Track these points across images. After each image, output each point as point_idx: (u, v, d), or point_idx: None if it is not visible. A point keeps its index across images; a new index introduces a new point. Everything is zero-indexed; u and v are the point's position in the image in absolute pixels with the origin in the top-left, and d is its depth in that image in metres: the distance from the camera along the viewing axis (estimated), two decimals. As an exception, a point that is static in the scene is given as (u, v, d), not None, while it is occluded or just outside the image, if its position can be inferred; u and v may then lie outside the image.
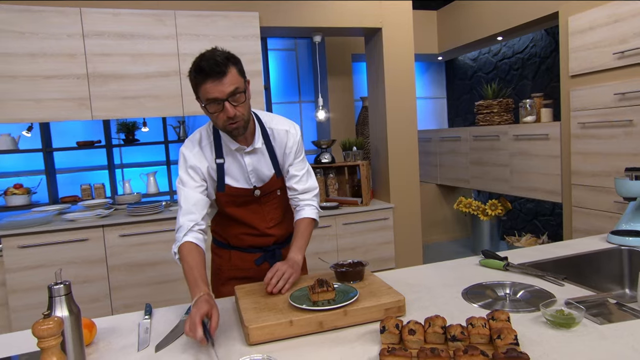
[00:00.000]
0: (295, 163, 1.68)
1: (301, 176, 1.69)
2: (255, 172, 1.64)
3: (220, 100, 1.39)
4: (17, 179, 4.01)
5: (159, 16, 3.14)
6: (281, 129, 1.65)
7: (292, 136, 1.66)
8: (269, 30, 3.60)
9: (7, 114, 2.94)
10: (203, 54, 1.40)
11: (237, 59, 1.45)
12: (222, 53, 1.41)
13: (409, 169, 3.81)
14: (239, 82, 1.41)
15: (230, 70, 1.38)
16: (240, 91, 1.41)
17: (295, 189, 1.69)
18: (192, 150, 1.57)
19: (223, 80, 1.36)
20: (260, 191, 1.66)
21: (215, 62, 1.35)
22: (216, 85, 1.37)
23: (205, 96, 1.40)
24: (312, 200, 1.71)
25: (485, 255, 1.82)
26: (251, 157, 1.62)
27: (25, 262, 2.94)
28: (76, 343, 1.08)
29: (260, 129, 1.62)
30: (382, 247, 3.74)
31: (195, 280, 1.36)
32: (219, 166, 1.59)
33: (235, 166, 1.61)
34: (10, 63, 2.90)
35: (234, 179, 1.62)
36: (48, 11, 2.94)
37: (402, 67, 3.71)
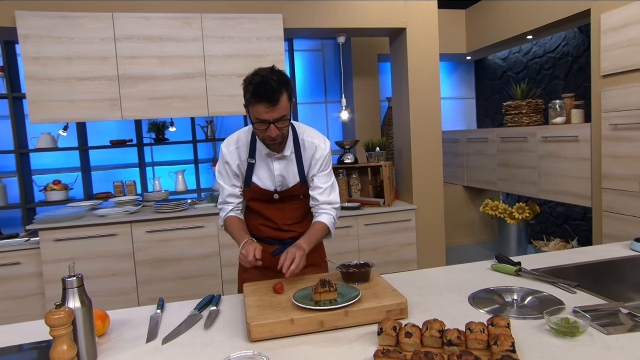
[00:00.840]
0: (320, 175, 1.78)
1: (325, 189, 1.78)
2: (281, 177, 1.76)
3: (268, 122, 1.55)
4: (56, 175, 4.23)
5: (187, 20, 3.24)
6: (312, 142, 1.76)
7: (320, 150, 1.76)
8: (293, 32, 3.64)
9: (45, 115, 3.11)
10: (261, 75, 1.52)
11: (289, 82, 1.58)
12: (278, 78, 1.53)
13: (432, 170, 3.76)
14: (287, 108, 1.57)
15: (283, 97, 1.53)
16: (286, 118, 1.58)
17: (317, 199, 1.78)
18: (229, 149, 1.76)
19: (275, 107, 1.52)
20: (280, 195, 1.77)
21: (272, 89, 1.50)
22: (268, 111, 1.53)
23: (255, 115, 1.56)
24: (331, 211, 1.78)
25: (499, 260, 1.79)
26: (280, 163, 1.74)
27: (59, 254, 3.10)
28: (88, 333, 1.15)
29: (293, 139, 1.75)
30: (404, 249, 3.71)
31: (240, 233, 1.70)
32: (250, 165, 1.76)
33: (265, 169, 1.76)
34: (48, 66, 3.07)
35: (260, 179, 1.76)
36: (84, 17, 3.09)
37: (426, 67, 3.67)
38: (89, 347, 1.15)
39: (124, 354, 1.20)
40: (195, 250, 3.30)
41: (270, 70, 1.56)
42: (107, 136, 4.18)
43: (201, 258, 3.29)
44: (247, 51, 3.35)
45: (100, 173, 4.41)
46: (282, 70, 1.59)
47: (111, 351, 1.22)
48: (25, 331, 1.37)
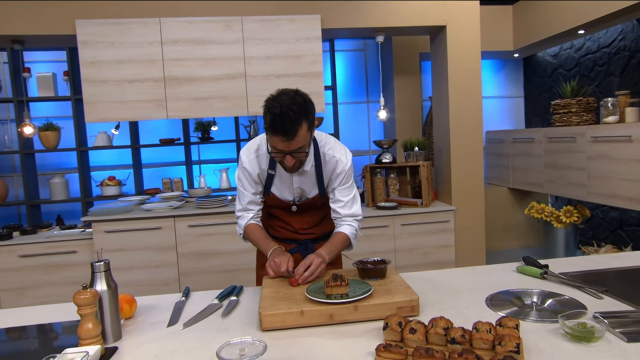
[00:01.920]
0: (340, 189, 1.75)
1: (346, 202, 1.75)
2: (300, 189, 1.76)
3: (284, 152, 1.53)
4: (111, 171, 4.52)
5: (228, 22, 3.36)
6: (333, 155, 1.73)
7: (341, 164, 1.73)
8: (332, 32, 3.67)
9: (98, 114, 3.34)
10: (280, 103, 1.45)
11: (309, 109, 1.52)
12: (298, 108, 1.47)
13: (472, 170, 3.67)
14: (305, 139, 1.53)
15: (301, 128, 1.49)
16: (304, 149, 1.55)
17: (339, 212, 1.76)
18: (249, 157, 1.74)
19: (292, 140, 1.49)
20: (298, 207, 1.78)
21: (290, 122, 1.45)
22: (285, 145, 1.50)
23: (272, 144, 1.54)
24: (353, 223, 1.76)
25: (526, 262, 1.74)
26: (299, 176, 1.73)
27: (110, 245, 3.32)
28: (113, 313, 1.24)
29: (313, 152, 1.71)
30: (441, 250, 3.65)
31: (265, 241, 1.72)
32: (269, 176, 1.75)
33: (284, 180, 1.75)
34: (102, 69, 3.29)
35: (279, 189, 1.77)
36: (134, 23, 3.29)
37: (467, 66, 3.58)
38: (114, 326, 1.25)
39: (146, 335, 1.28)
40: (233, 245, 3.41)
41: (291, 97, 1.49)
42: (157, 135, 4.40)
43: (239, 252, 3.41)
44: (286, 52, 3.43)
45: (150, 170, 4.67)
46: (304, 95, 1.53)
47: (135, 332, 1.31)
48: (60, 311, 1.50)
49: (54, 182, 4.17)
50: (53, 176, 4.23)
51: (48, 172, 4.45)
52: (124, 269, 3.33)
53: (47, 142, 4.09)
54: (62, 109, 4.38)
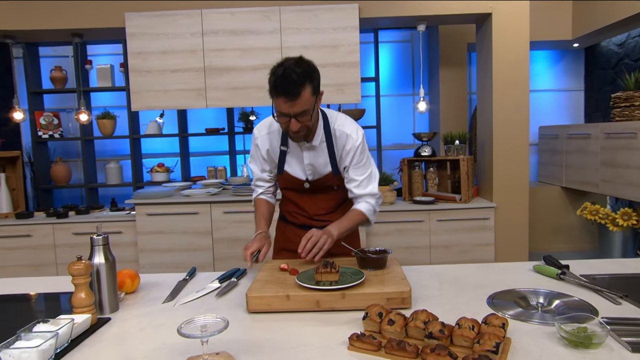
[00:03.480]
0: (354, 167, 1.71)
1: (360, 181, 1.71)
2: (312, 166, 1.72)
3: (289, 116, 1.51)
4: (161, 159, 4.75)
5: (266, 12, 3.40)
6: (343, 131, 1.69)
7: (351, 140, 1.68)
8: (372, 22, 3.60)
9: (143, 103, 3.52)
10: (284, 66, 1.47)
11: (313, 75, 1.51)
12: (302, 70, 1.46)
13: (517, 167, 3.46)
14: (309, 103, 1.50)
15: (305, 90, 1.47)
16: (308, 113, 1.52)
17: (353, 192, 1.73)
18: (261, 132, 1.76)
19: (295, 101, 1.47)
20: (311, 185, 1.74)
21: (292, 83, 1.44)
22: (288, 105, 1.48)
23: (276, 107, 1.53)
24: (370, 199, 1.72)
25: (546, 262, 1.62)
26: (309, 152, 1.70)
27: (151, 227, 3.49)
28: (110, 285, 1.31)
29: (323, 127, 1.69)
30: (479, 248, 3.48)
31: (259, 221, 1.77)
32: (282, 152, 1.73)
33: (296, 156, 1.73)
34: (147, 60, 3.46)
35: (291, 167, 1.75)
36: (177, 14, 3.42)
37: (514, 56, 3.37)
38: (111, 298, 1.31)
39: (141, 309, 1.34)
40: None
41: (295, 61, 1.49)
42: (205, 124, 4.56)
43: (271, 241, 3.45)
44: (322, 41, 3.41)
45: (198, 158, 4.85)
46: (309, 61, 1.52)
47: (133, 305, 1.37)
48: (78, 282, 1.60)
49: (109, 167, 4.46)
50: (109, 162, 4.52)
51: (105, 158, 4.75)
52: (163, 251, 3.49)
53: (104, 129, 4.37)
54: (118, 98, 4.66)
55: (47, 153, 4.58)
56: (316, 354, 1.03)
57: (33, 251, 3.56)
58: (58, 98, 4.74)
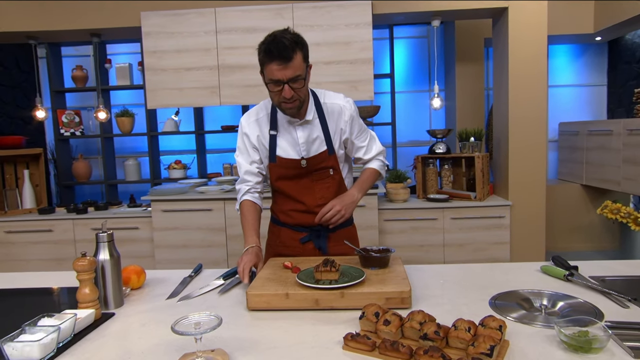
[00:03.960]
0: (357, 136, 1.76)
1: (366, 146, 1.79)
2: (306, 144, 1.69)
3: (281, 82, 1.50)
4: (178, 156, 4.82)
5: (279, 10, 3.40)
6: (335, 103, 1.71)
7: (346, 110, 1.71)
8: (386, 17, 3.56)
9: (158, 101, 3.58)
10: (274, 34, 1.50)
11: (304, 43, 1.55)
12: (292, 37, 1.50)
13: (533, 165, 3.39)
14: (301, 68, 1.52)
15: (296, 56, 1.49)
16: (301, 78, 1.52)
17: (363, 158, 1.81)
18: (248, 120, 1.73)
19: (287, 65, 1.47)
20: (308, 162, 1.69)
21: (284, 46, 1.45)
22: (280, 69, 1.48)
23: (268, 75, 1.52)
24: (379, 157, 1.82)
25: (555, 262, 1.59)
26: (303, 129, 1.68)
27: (166, 223, 3.55)
28: (115, 281, 1.33)
29: (314, 104, 1.69)
30: (494, 247, 3.43)
31: (249, 232, 1.65)
32: (272, 137, 1.69)
33: (288, 138, 1.70)
34: (161, 59, 3.51)
35: (284, 150, 1.70)
36: (191, 13, 3.46)
37: (531, 52, 3.29)
38: (116, 293, 1.34)
39: (145, 304, 1.36)
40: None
41: (283, 30, 1.53)
42: (222, 122, 4.60)
43: (284, 238, 3.47)
44: (335, 38, 3.40)
45: (215, 155, 4.91)
46: (298, 33, 1.55)
47: (137, 301, 1.39)
48: (88, 277, 1.64)
49: (128, 164, 4.55)
50: (128, 159, 4.61)
51: (124, 155, 4.85)
52: (179, 247, 3.55)
53: (122, 127, 4.45)
54: (137, 96, 4.74)
55: (69, 150, 4.70)
56: (310, 353, 1.03)
57: (54, 246, 3.67)
58: (79, 96, 4.85)
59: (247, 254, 1.54)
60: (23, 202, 3.99)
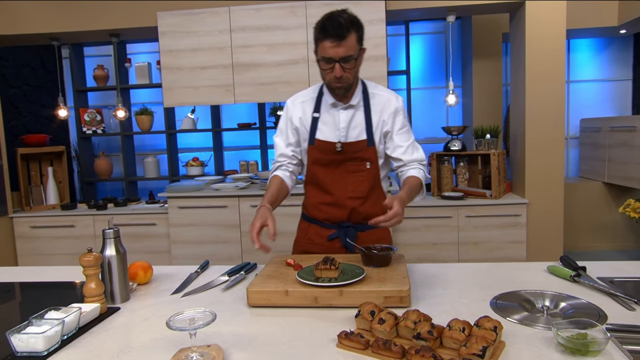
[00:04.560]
0: (398, 132, 1.68)
1: (407, 147, 1.69)
2: (347, 129, 1.67)
3: (333, 61, 1.52)
4: (196, 153, 4.90)
5: (292, 8, 3.41)
6: (382, 94, 1.70)
7: (393, 102, 1.69)
8: (401, 14, 3.53)
9: (175, 99, 3.64)
10: (331, 13, 1.53)
11: (360, 25, 1.56)
12: (348, 17, 1.52)
13: (551, 162, 3.31)
14: (354, 49, 1.53)
15: (350, 36, 1.50)
16: (352, 58, 1.53)
17: (401, 159, 1.69)
18: (294, 102, 1.76)
19: (341, 43, 1.49)
20: (343, 147, 1.66)
21: (339, 25, 1.48)
22: (333, 47, 1.50)
23: (321, 53, 1.54)
24: (420, 166, 1.70)
25: (563, 262, 1.55)
26: (347, 113, 1.67)
27: (182, 220, 3.62)
28: (121, 276, 1.37)
29: (362, 91, 1.69)
30: (510, 246, 3.37)
31: (264, 197, 1.62)
32: (314, 120, 1.70)
33: (329, 121, 1.68)
34: (177, 57, 3.57)
35: (323, 133, 1.69)
36: (206, 13, 3.50)
37: (549, 46, 3.21)
38: (122, 288, 1.37)
39: (150, 300, 1.40)
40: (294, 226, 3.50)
41: (341, 10, 1.54)
42: (238, 119, 4.65)
43: (298, 235, 3.49)
44: (349, 36, 3.38)
45: (232, 152, 4.97)
46: (355, 15, 1.56)
47: (143, 296, 1.43)
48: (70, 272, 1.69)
49: (147, 161, 4.65)
50: (147, 156, 4.71)
51: (144, 152, 4.96)
52: (194, 243, 3.61)
53: (142, 125, 4.55)
54: (156, 95, 4.83)
55: (91, 148, 4.82)
56: (304, 350, 1.04)
57: (76, 240, 3.78)
58: (101, 95, 4.98)
59: (255, 217, 1.49)
60: (47, 198, 4.13)
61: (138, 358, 1.03)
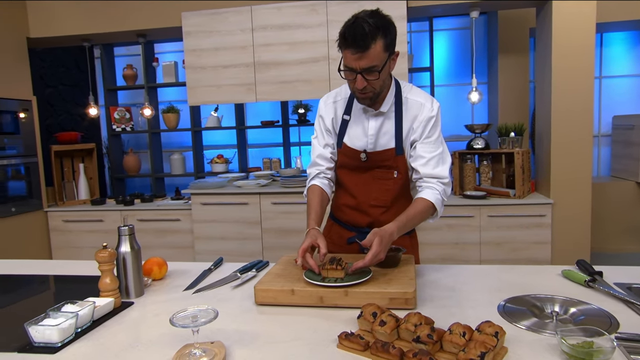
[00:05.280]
0: (424, 142, 1.54)
1: (429, 159, 1.52)
2: (375, 137, 1.58)
3: (355, 72, 1.41)
4: (221, 150, 4.99)
5: (313, 6, 3.42)
6: (416, 100, 1.56)
7: (426, 110, 1.54)
8: (423, 10, 3.49)
9: (198, 98, 3.71)
10: (356, 16, 1.40)
11: (389, 29, 1.40)
12: (375, 21, 1.37)
13: (578, 161, 3.21)
14: (379, 58, 1.39)
15: (375, 44, 1.36)
16: (376, 69, 1.40)
17: (419, 171, 1.53)
18: (326, 102, 1.67)
19: (363, 54, 1.37)
20: (368, 157, 1.59)
21: (362, 34, 1.34)
22: (355, 58, 1.38)
23: (344, 61, 1.43)
24: (436, 185, 1.52)
25: (579, 266, 1.51)
26: (376, 120, 1.57)
27: (205, 216, 3.70)
28: (135, 272, 1.42)
29: (394, 96, 1.56)
30: (534, 247, 3.29)
31: (310, 215, 1.56)
32: (343, 122, 1.62)
33: (359, 126, 1.60)
34: (201, 57, 3.64)
35: (351, 138, 1.61)
36: (228, 12, 3.55)
37: (577, 41, 3.10)
38: (136, 283, 1.42)
39: (163, 295, 1.44)
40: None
41: (370, 12, 1.40)
42: (262, 117, 4.70)
43: (318, 232, 3.51)
44: (369, 33, 3.36)
45: (256, 150, 5.03)
46: (386, 15, 1.42)
47: (157, 291, 1.48)
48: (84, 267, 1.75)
49: (173, 158, 4.76)
50: (173, 153, 4.83)
51: (171, 149, 5.08)
52: (217, 239, 3.68)
53: (168, 123, 4.66)
54: (183, 93, 4.94)
55: (120, 145, 4.98)
56: (305, 349, 1.06)
57: (105, 235, 3.92)
58: (130, 94, 5.13)
59: (305, 239, 1.43)
60: (79, 193, 4.29)
61: (145, 352, 1.07)
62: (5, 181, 3.73)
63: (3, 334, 1.17)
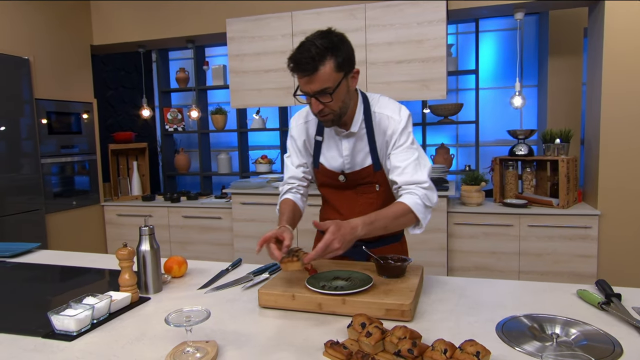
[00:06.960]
0: (395, 151, 1.52)
1: (404, 167, 1.48)
2: (351, 157, 1.57)
3: (307, 94, 1.42)
4: (265, 151, 5.13)
5: (352, 11, 3.44)
6: (384, 113, 1.53)
7: (393, 122, 1.51)
8: (462, 13, 3.40)
9: (241, 101, 3.85)
10: (304, 41, 1.38)
11: (338, 49, 1.37)
12: (323, 43, 1.34)
13: (629, 170, 3.00)
14: (331, 80, 1.37)
15: (324, 67, 1.34)
16: (328, 91, 1.38)
17: (396, 181, 1.50)
18: (297, 123, 1.66)
19: (312, 77, 1.36)
20: (347, 178, 1.60)
21: (309, 57, 1.33)
22: (304, 82, 1.39)
23: (299, 85, 1.42)
24: (416, 190, 1.47)
25: (599, 287, 1.44)
26: (349, 141, 1.56)
27: (244, 215, 3.83)
28: (154, 270, 1.53)
29: (363, 113, 1.54)
30: (578, 260, 3.12)
31: (281, 219, 1.61)
32: (317, 143, 1.61)
33: (333, 148, 1.59)
34: (243, 61, 3.77)
35: (327, 160, 1.62)
36: (270, 18, 3.65)
37: (631, 42, 2.90)
38: (155, 280, 1.53)
39: (179, 293, 1.54)
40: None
41: (320, 33, 1.38)
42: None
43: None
44: (408, 37, 3.34)
45: (299, 151, 5.12)
46: (339, 34, 1.40)
47: (174, 288, 1.58)
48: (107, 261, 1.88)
49: (220, 158, 4.96)
50: (220, 153, 5.04)
51: (219, 149, 5.30)
52: (255, 238, 3.80)
53: (216, 123, 4.86)
54: (230, 95, 5.14)
55: (173, 144, 5.26)
56: (292, 355, 1.10)
57: (153, 229, 4.16)
58: (183, 95, 5.40)
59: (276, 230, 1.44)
60: (132, 189, 4.59)
61: (147, 345, 1.15)
62: (72, 176, 4.08)
63: (37, 319, 1.30)
